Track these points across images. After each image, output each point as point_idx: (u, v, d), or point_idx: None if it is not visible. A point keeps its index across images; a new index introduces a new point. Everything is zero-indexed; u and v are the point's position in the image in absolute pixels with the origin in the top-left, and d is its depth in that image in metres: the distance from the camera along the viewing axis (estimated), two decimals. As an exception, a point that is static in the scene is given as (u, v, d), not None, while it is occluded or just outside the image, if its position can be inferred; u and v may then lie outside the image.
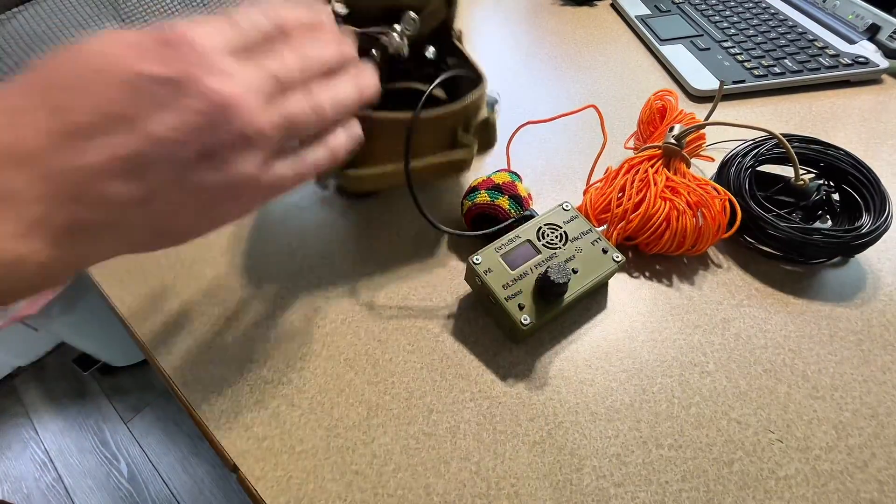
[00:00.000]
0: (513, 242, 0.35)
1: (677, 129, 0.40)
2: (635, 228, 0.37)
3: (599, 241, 0.36)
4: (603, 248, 0.35)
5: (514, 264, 0.34)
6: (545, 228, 0.36)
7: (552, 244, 0.35)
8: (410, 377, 0.34)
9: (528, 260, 0.34)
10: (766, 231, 0.37)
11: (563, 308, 0.33)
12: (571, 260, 0.35)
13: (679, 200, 0.37)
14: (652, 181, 0.38)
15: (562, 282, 0.31)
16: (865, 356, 0.34)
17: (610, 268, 0.35)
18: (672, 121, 0.44)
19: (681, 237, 0.37)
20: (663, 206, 0.37)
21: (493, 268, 0.34)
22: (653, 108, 0.46)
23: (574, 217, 0.37)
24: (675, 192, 0.38)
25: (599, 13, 0.73)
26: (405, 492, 0.29)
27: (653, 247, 0.38)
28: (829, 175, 0.40)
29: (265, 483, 0.30)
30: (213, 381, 0.34)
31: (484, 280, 0.33)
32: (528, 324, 0.32)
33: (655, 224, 0.37)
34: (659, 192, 0.37)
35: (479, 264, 0.34)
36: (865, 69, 0.55)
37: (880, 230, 0.35)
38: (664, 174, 0.39)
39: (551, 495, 0.28)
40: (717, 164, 0.43)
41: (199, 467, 1.11)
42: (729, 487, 0.28)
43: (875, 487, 0.28)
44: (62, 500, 1.08)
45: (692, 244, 0.37)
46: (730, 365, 0.33)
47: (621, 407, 0.32)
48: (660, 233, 0.37)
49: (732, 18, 0.66)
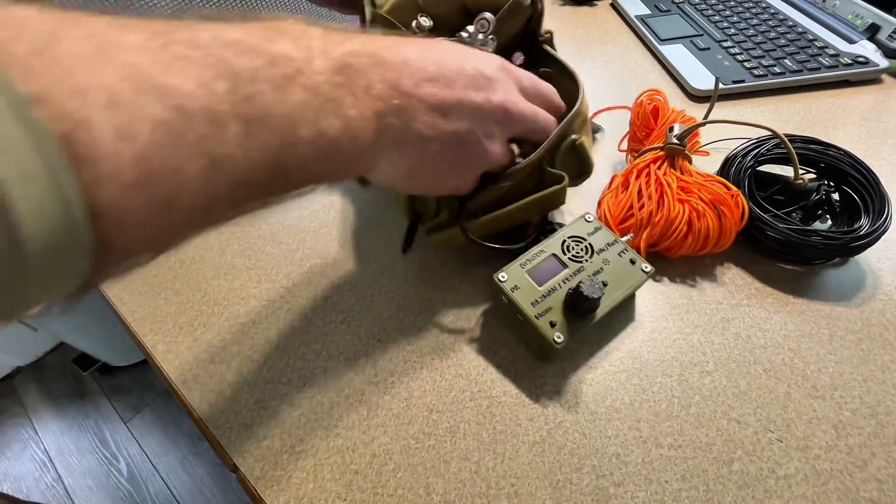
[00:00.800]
0: (538, 258, 0.34)
1: (678, 129, 0.40)
2: (659, 235, 0.37)
3: (626, 252, 0.34)
4: (630, 259, 0.34)
5: (541, 280, 0.33)
6: (570, 242, 0.35)
7: (578, 257, 0.34)
8: (410, 377, 0.34)
9: (554, 275, 0.33)
10: (765, 232, 0.37)
11: (594, 324, 0.32)
12: (599, 273, 0.33)
13: (695, 200, 0.37)
14: (666, 184, 0.37)
15: (595, 297, 0.30)
16: (865, 355, 0.34)
17: (640, 279, 0.33)
18: (668, 120, 0.44)
19: (704, 237, 0.36)
20: (682, 209, 0.36)
21: (521, 284, 0.32)
22: (645, 108, 0.46)
23: (598, 228, 0.35)
24: (688, 191, 0.37)
25: (599, 13, 0.73)
26: (405, 491, 0.29)
27: (677, 250, 0.37)
28: (830, 176, 0.40)
29: (265, 483, 0.30)
30: (213, 381, 0.34)
31: (512, 298, 0.32)
32: (561, 342, 0.30)
33: (678, 227, 0.36)
34: (675, 195, 0.37)
35: (506, 281, 0.32)
36: (865, 69, 0.55)
37: (878, 232, 0.35)
38: (674, 175, 0.38)
39: (551, 495, 0.28)
40: (718, 164, 0.43)
41: (198, 467, 1.11)
42: (728, 487, 0.28)
43: (875, 487, 0.28)
44: (62, 499, 1.08)
45: (715, 242, 0.37)
46: (729, 364, 0.33)
47: (621, 406, 0.32)
48: (683, 236, 0.36)
49: (732, 18, 0.66)
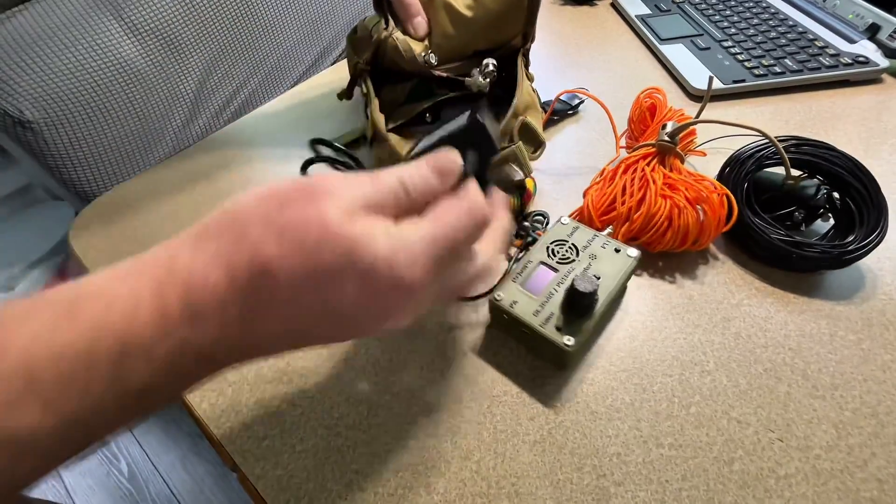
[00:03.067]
0: (527, 269, 0.34)
1: (670, 127, 0.40)
2: (639, 228, 0.37)
3: (609, 243, 0.35)
4: (615, 248, 0.35)
5: (536, 290, 0.33)
6: (553, 246, 0.35)
7: (566, 259, 0.34)
8: (410, 376, 0.34)
9: (548, 281, 0.33)
10: (756, 239, 0.38)
11: (598, 317, 0.32)
12: (589, 268, 0.34)
13: (679, 197, 0.37)
14: (651, 179, 0.38)
15: (591, 290, 0.30)
16: (865, 355, 0.34)
17: (629, 265, 0.34)
18: (663, 118, 0.44)
19: (683, 233, 0.37)
20: (664, 204, 0.37)
21: (518, 299, 0.32)
22: (642, 106, 0.46)
23: (576, 227, 0.36)
24: (674, 188, 0.38)
25: (599, 13, 0.73)
26: (405, 491, 0.29)
27: (656, 245, 0.38)
28: (830, 181, 0.39)
29: (265, 482, 0.30)
30: (214, 380, 0.34)
31: (512, 314, 0.32)
32: (572, 344, 0.30)
33: (658, 222, 0.37)
34: (659, 191, 0.37)
35: (502, 300, 0.32)
36: (865, 69, 0.55)
37: (869, 247, 0.35)
38: (661, 171, 0.39)
39: (551, 494, 0.28)
40: (720, 164, 0.43)
41: (199, 466, 1.11)
42: (729, 486, 0.28)
43: (875, 486, 0.28)
44: (62, 498, 1.08)
45: (695, 239, 0.37)
46: (730, 364, 0.33)
47: (621, 406, 0.32)
48: (662, 231, 0.37)
49: (732, 18, 0.66)
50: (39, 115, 0.67)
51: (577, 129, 0.52)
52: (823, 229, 0.40)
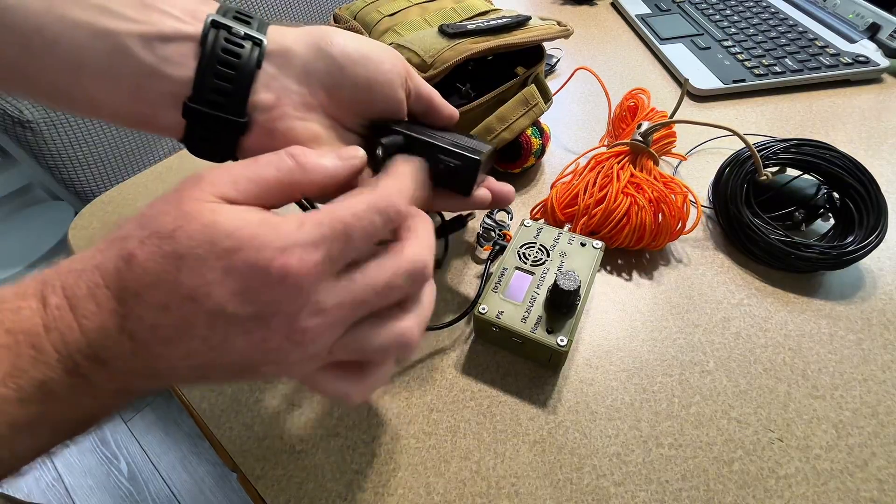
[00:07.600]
0: (504, 277, 0.34)
1: (644, 127, 0.40)
2: (598, 223, 0.38)
3: (574, 238, 0.36)
4: (581, 243, 0.36)
5: (517, 296, 0.33)
6: (522, 250, 0.36)
7: (538, 261, 0.35)
8: (410, 376, 0.34)
9: (527, 285, 0.34)
10: (754, 239, 0.38)
11: (581, 311, 0.32)
12: (563, 265, 0.35)
13: (640, 196, 0.37)
14: (615, 177, 0.39)
15: (574, 288, 0.30)
16: (865, 355, 0.34)
17: (597, 256, 0.35)
18: (642, 118, 0.44)
19: (640, 231, 0.37)
20: (624, 200, 0.37)
21: (503, 308, 0.32)
22: (624, 106, 0.47)
23: (540, 228, 0.37)
24: (639, 188, 0.38)
25: (600, 12, 0.73)
26: (405, 491, 0.29)
27: (615, 241, 0.38)
28: (831, 182, 0.39)
29: (265, 482, 0.30)
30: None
31: (500, 324, 0.32)
32: (565, 344, 0.30)
33: (616, 218, 0.37)
34: (621, 188, 0.38)
35: (487, 312, 0.32)
36: (866, 68, 0.55)
37: (870, 246, 0.35)
38: (629, 170, 0.39)
39: (551, 494, 0.28)
40: (716, 167, 0.43)
41: (199, 466, 1.11)
42: (729, 486, 0.28)
43: (875, 486, 0.28)
44: (62, 499, 1.08)
45: (652, 239, 0.38)
46: (730, 364, 0.33)
47: (621, 406, 0.32)
48: (620, 227, 0.37)
49: (733, 17, 0.66)
50: (39, 115, 0.67)
51: (574, 127, 0.52)
52: (823, 230, 0.40)
